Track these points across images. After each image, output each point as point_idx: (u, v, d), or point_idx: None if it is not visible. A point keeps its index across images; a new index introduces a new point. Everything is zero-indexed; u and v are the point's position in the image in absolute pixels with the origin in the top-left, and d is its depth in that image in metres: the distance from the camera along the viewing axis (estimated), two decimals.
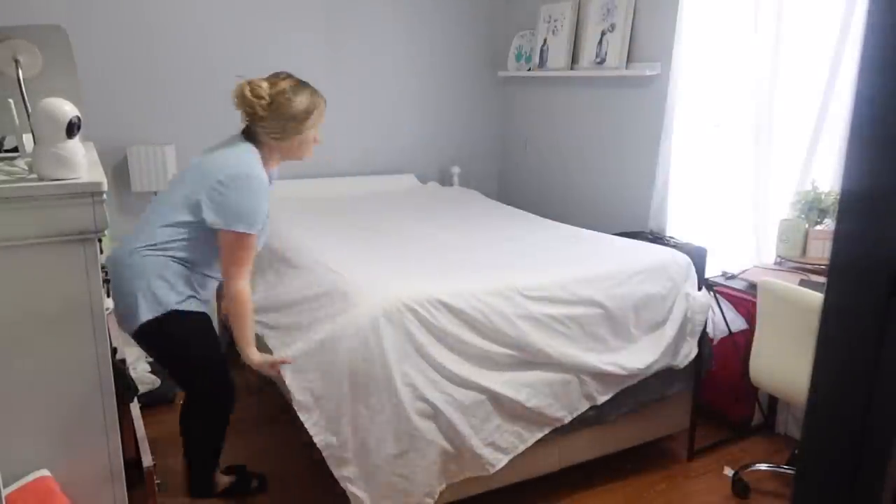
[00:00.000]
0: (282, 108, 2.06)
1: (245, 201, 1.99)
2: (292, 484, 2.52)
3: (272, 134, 2.09)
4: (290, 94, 2.07)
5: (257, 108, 2.05)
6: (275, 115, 2.07)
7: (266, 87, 2.06)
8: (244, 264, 2.03)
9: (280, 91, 2.07)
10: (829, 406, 0.56)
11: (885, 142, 0.50)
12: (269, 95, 2.06)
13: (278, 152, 2.15)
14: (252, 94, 2.04)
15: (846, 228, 0.54)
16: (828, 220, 2.63)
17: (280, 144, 2.12)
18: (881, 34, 0.49)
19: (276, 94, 2.06)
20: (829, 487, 0.57)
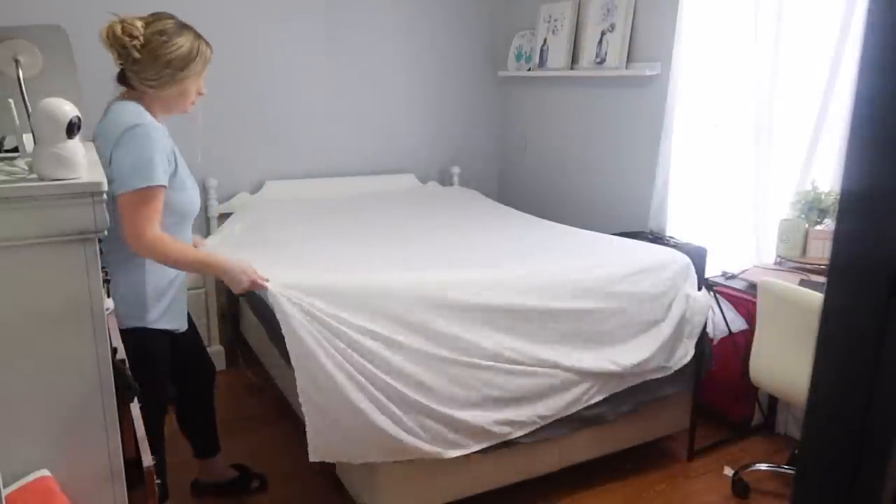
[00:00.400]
0: (157, 51, 1.83)
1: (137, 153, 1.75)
2: (292, 484, 2.52)
3: (146, 81, 1.86)
4: (168, 35, 1.85)
5: (130, 49, 1.82)
6: (149, 59, 1.83)
7: (140, 25, 1.84)
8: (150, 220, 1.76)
9: (157, 31, 1.84)
10: (829, 406, 0.56)
11: (885, 142, 0.50)
12: (144, 36, 1.83)
13: (156, 103, 1.91)
14: (124, 31, 1.82)
15: (846, 228, 0.54)
16: (828, 220, 2.63)
17: (157, 94, 1.89)
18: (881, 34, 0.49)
19: (152, 35, 1.83)
20: (829, 487, 0.57)
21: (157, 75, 1.86)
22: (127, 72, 1.89)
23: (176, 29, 1.89)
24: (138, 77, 1.88)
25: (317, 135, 3.97)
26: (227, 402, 3.08)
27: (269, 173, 3.87)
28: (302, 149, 3.95)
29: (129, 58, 1.85)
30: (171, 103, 1.94)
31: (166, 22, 1.88)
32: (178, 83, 1.89)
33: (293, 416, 2.73)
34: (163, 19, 1.89)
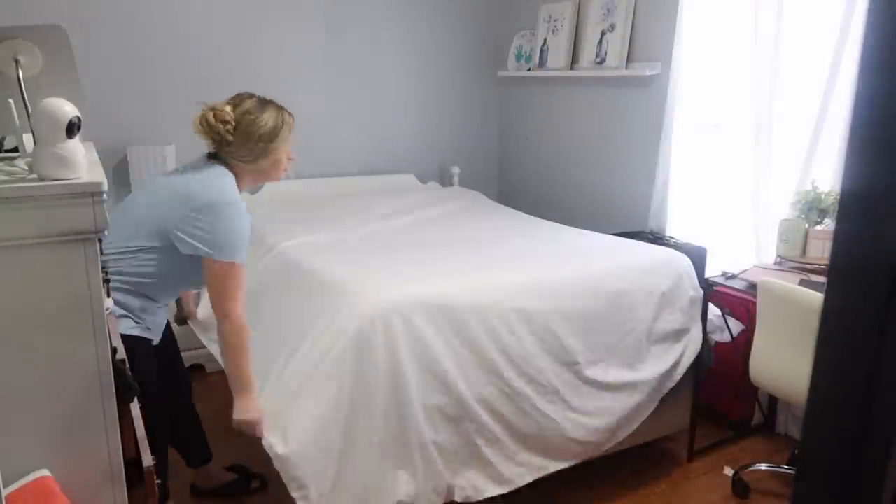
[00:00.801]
0: (249, 130, 1.94)
1: (232, 229, 1.86)
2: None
3: (242, 158, 1.98)
4: (255, 113, 1.96)
5: (224, 134, 1.94)
6: (242, 139, 1.95)
7: (229, 110, 1.95)
8: (238, 296, 1.89)
9: (244, 111, 1.96)
10: (829, 406, 0.56)
11: (885, 142, 0.50)
12: (234, 119, 1.94)
13: (250, 176, 2.03)
14: (216, 119, 1.93)
15: (846, 228, 0.54)
16: (828, 220, 2.63)
17: (251, 167, 2.00)
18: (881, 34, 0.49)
19: (241, 116, 1.95)
20: (829, 487, 0.57)
21: (251, 152, 1.97)
22: (221, 153, 2.00)
23: (259, 106, 1.99)
24: (234, 156, 1.98)
25: (317, 135, 3.97)
26: (228, 402, 3.07)
27: None
28: (302, 149, 3.93)
29: (223, 141, 1.95)
30: (265, 174, 2.05)
31: (249, 102, 1.99)
32: (271, 154, 2.00)
33: None
34: (245, 100, 1.99)
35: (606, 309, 2.33)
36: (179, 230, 1.83)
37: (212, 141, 1.97)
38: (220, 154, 2.00)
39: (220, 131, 1.93)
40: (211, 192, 1.87)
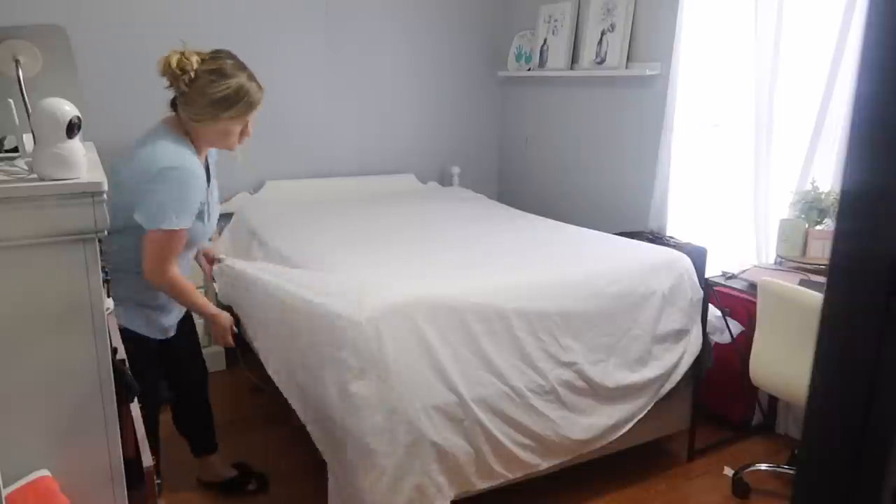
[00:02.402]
0: (204, 89, 1.84)
1: (172, 196, 1.80)
2: (292, 484, 2.52)
3: (190, 115, 1.88)
4: (217, 75, 1.84)
5: (179, 82, 1.84)
6: (194, 94, 1.85)
7: (196, 61, 1.84)
8: (170, 259, 1.87)
9: (209, 69, 1.84)
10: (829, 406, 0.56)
11: (885, 142, 0.50)
12: (196, 72, 1.83)
13: (202, 138, 1.94)
14: (178, 64, 1.82)
15: (846, 228, 0.54)
16: (828, 220, 2.63)
17: (199, 129, 1.91)
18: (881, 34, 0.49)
19: (203, 73, 1.84)
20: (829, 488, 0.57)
21: (199, 112, 1.88)
22: (177, 102, 1.92)
23: (229, 70, 1.87)
24: (185, 109, 1.90)
25: (317, 135, 3.97)
26: (227, 402, 3.08)
27: (269, 173, 3.87)
28: (302, 149, 3.95)
29: (178, 89, 1.87)
30: (213, 140, 1.96)
31: (223, 62, 1.88)
32: (218, 122, 1.89)
33: (293, 416, 2.73)
34: (220, 59, 1.88)
35: (607, 309, 2.33)
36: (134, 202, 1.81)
37: (169, 85, 1.89)
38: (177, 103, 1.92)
39: (176, 77, 1.84)
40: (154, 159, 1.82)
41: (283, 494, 2.47)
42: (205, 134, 1.93)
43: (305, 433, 2.58)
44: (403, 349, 2.02)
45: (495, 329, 2.13)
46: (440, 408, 2.03)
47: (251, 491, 2.48)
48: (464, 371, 2.08)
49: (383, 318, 2.00)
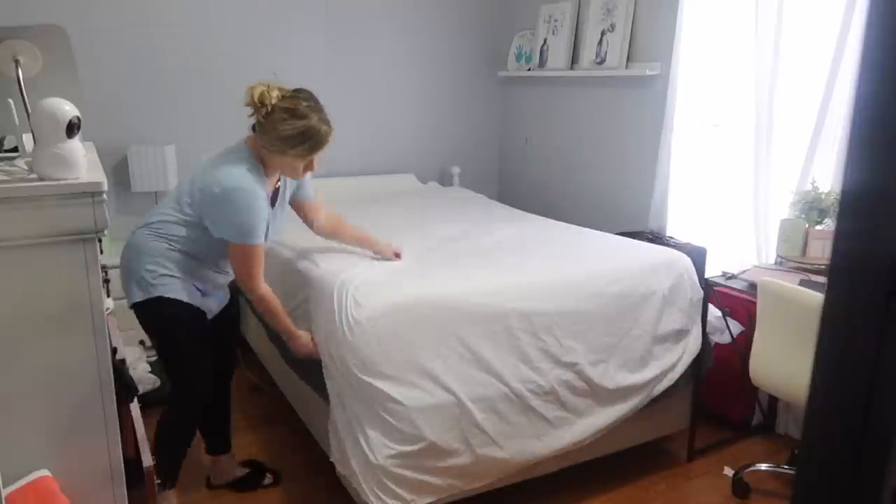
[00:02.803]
0: (276, 125, 1.99)
1: (237, 216, 1.97)
2: (293, 483, 2.52)
3: (263, 143, 2.04)
4: (288, 114, 1.98)
5: (258, 113, 2.02)
6: (268, 127, 2.00)
7: (275, 96, 1.99)
8: (256, 272, 2.06)
9: (284, 107, 1.99)
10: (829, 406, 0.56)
11: (885, 142, 0.50)
12: (273, 107, 1.99)
13: (272, 164, 2.09)
14: (258, 97, 1.99)
15: (846, 228, 0.54)
16: (828, 220, 2.63)
17: (270, 157, 2.06)
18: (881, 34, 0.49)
19: (279, 109, 1.99)
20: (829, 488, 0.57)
21: (270, 144, 2.02)
22: (256, 129, 2.07)
23: (302, 110, 2.00)
24: (260, 138, 2.05)
25: None
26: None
27: None
28: None
29: (256, 119, 2.04)
30: (280, 168, 2.11)
31: (298, 102, 2.01)
32: (285, 156, 2.04)
33: (294, 416, 2.73)
34: (297, 98, 2.02)
35: (607, 309, 2.33)
36: (207, 212, 2.00)
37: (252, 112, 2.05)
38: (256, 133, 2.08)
39: (257, 109, 2.01)
40: (220, 180, 1.97)
41: (284, 494, 2.47)
42: (273, 163, 2.08)
43: (306, 433, 2.59)
44: (403, 348, 2.02)
45: (495, 329, 2.13)
46: (438, 406, 2.03)
47: (267, 485, 2.49)
48: (462, 370, 2.08)
49: (383, 318, 2.00)
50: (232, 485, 2.48)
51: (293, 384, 2.59)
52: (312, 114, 2.01)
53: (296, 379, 2.48)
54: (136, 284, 2.02)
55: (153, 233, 2.04)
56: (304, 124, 1.99)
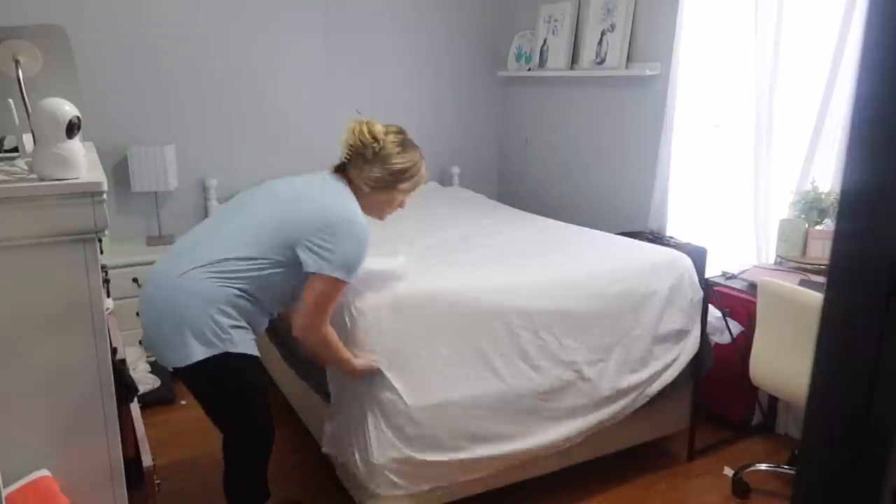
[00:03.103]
0: (388, 158, 1.91)
1: (354, 248, 1.82)
2: (293, 483, 2.52)
3: (368, 181, 1.92)
4: (401, 147, 1.94)
5: (367, 150, 1.91)
6: (379, 162, 1.91)
7: (380, 130, 1.93)
8: (329, 311, 1.86)
9: (394, 141, 1.94)
10: (829, 406, 0.56)
11: (885, 142, 0.50)
12: (382, 140, 1.92)
13: (366, 202, 1.95)
14: (369, 132, 1.90)
15: (846, 228, 0.54)
16: (828, 220, 2.63)
17: (369, 194, 1.94)
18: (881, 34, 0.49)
19: (389, 142, 1.93)
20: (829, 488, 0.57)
21: (379, 180, 1.93)
22: (351, 167, 1.95)
23: (408, 143, 1.98)
24: (361, 175, 1.93)
25: (317, 135, 3.97)
26: None
27: (269, 173, 3.86)
28: (302, 149, 3.95)
29: (363, 157, 1.92)
30: (376, 206, 1.99)
31: (405, 135, 1.99)
32: (391, 191, 1.96)
33: (294, 416, 2.73)
34: (399, 132, 1.98)
35: (607, 309, 2.33)
36: (311, 245, 1.78)
37: (351, 154, 1.94)
38: (350, 171, 1.96)
39: (366, 144, 1.90)
40: (343, 210, 1.85)
41: (284, 494, 2.47)
42: (370, 201, 1.96)
43: (306, 433, 2.59)
44: (402, 342, 2.02)
45: (495, 326, 2.13)
46: (438, 402, 2.03)
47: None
48: (462, 366, 2.08)
49: (385, 310, 2.01)
50: None
51: (293, 384, 2.59)
52: (417, 148, 2.00)
53: (296, 379, 2.48)
54: (197, 338, 1.71)
55: (216, 275, 1.75)
56: (416, 156, 1.97)
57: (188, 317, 1.71)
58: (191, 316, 1.71)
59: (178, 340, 1.72)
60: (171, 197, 3.65)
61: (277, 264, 1.79)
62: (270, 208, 1.87)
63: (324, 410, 2.13)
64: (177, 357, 1.74)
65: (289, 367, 2.52)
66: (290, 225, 1.81)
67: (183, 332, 1.71)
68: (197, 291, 1.73)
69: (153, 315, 1.79)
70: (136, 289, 3.19)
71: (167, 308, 1.75)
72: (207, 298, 1.72)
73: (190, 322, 1.71)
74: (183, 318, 1.72)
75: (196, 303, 1.72)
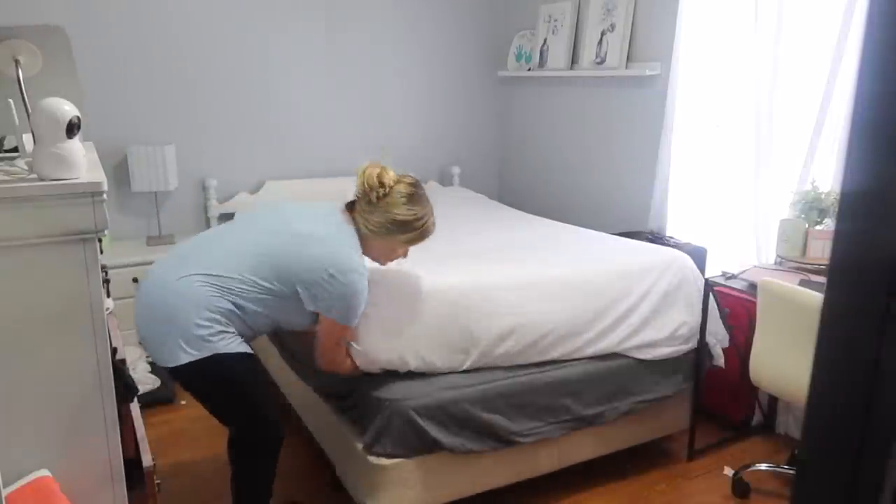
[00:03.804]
0: (390, 207, 1.90)
1: (352, 299, 1.85)
2: (292, 483, 2.52)
3: (369, 225, 1.92)
4: (407, 199, 1.92)
5: (372, 195, 1.90)
6: (382, 208, 1.91)
7: (391, 177, 1.92)
8: (341, 346, 1.96)
9: (402, 192, 1.92)
10: (829, 406, 0.56)
11: (885, 142, 0.50)
12: (391, 188, 1.91)
13: (366, 244, 1.96)
14: (377, 177, 1.90)
15: (846, 228, 0.54)
16: (828, 220, 2.63)
17: (370, 238, 1.95)
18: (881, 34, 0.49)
19: (396, 192, 1.91)
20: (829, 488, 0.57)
21: (379, 226, 1.92)
22: (358, 206, 1.96)
23: (418, 198, 1.95)
24: (363, 216, 1.94)
25: (317, 135, 3.97)
26: None
27: (269, 173, 3.87)
28: (302, 149, 3.95)
29: (367, 200, 1.92)
30: (375, 250, 2.00)
31: (416, 189, 1.96)
32: (391, 240, 1.95)
33: (293, 416, 2.73)
34: (415, 185, 1.97)
35: (608, 309, 2.33)
36: (309, 288, 1.82)
37: (360, 192, 1.94)
38: (356, 210, 1.96)
39: (373, 188, 1.90)
40: (348, 261, 1.85)
41: (283, 494, 2.47)
42: (370, 244, 1.97)
43: (307, 434, 2.59)
44: (404, 340, 2.02)
45: (495, 328, 2.13)
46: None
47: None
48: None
49: (387, 309, 2.01)
50: None
51: (293, 384, 2.59)
52: (427, 204, 1.97)
53: (295, 379, 2.48)
54: (186, 341, 1.73)
55: (211, 285, 1.77)
56: (422, 212, 1.94)
57: (179, 319, 1.74)
58: (182, 319, 1.74)
59: (169, 341, 1.74)
60: (171, 197, 3.65)
61: (271, 293, 1.82)
62: (280, 240, 1.87)
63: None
64: (169, 357, 1.76)
65: (289, 367, 2.52)
66: (295, 263, 1.83)
67: (173, 334, 1.74)
68: (190, 296, 1.75)
69: (146, 314, 1.81)
70: (136, 289, 3.19)
71: (160, 309, 1.77)
72: (199, 304, 1.75)
73: (181, 324, 1.73)
74: (174, 319, 1.74)
75: (188, 307, 1.74)
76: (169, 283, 1.78)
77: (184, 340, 1.73)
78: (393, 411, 1.98)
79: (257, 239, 1.88)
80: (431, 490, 2.11)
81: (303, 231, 1.89)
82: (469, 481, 2.18)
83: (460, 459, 2.11)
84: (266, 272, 1.81)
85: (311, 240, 1.86)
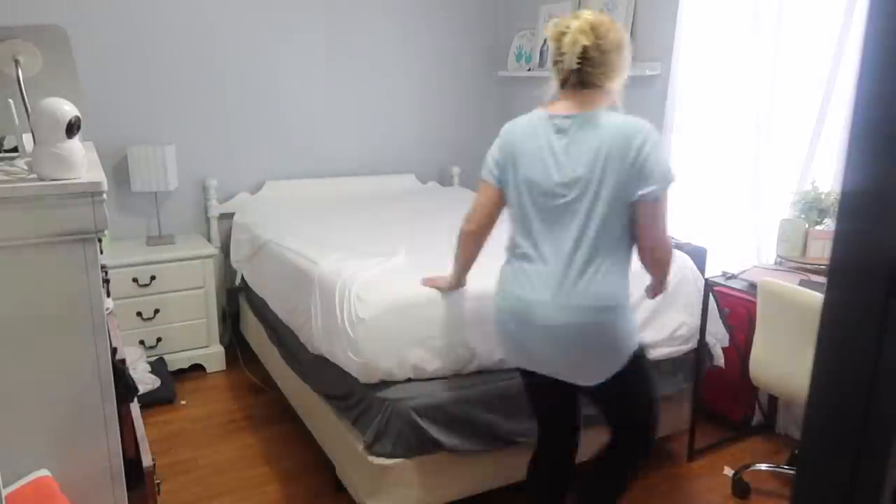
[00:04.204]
0: (620, 40, 1.76)
1: (663, 155, 1.64)
2: (292, 483, 2.52)
3: (613, 73, 1.76)
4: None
5: (603, 42, 1.72)
6: (614, 47, 1.74)
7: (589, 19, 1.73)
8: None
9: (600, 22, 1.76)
10: (829, 406, 0.56)
11: (885, 142, 0.50)
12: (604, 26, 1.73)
13: (607, 98, 1.81)
14: (592, 28, 1.70)
15: (846, 228, 0.54)
16: (828, 220, 2.63)
17: (616, 86, 1.80)
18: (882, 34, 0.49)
19: (601, 25, 1.74)
20: (829, 487, 0.57)
21: (625, 61, 1.71)
22: (587, 74, 1.72)
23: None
24: (606, 72, 1.70)
25: (317, 135, 3.97)
26: (227, 402, 3.09)
27: (269, 173, 3.87)
28: (302, 149, 3.95)
29: (591, 56, 1.68)
30: (615, 94, 1.78)
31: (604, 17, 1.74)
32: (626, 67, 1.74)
33: (293, 416, 2.73)
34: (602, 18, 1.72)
35: None
36: (633, 176, 1.64)
37: (582, 57, 1.73)
38: (588, 75, 1.76)
39: (600, 37, 1.71)
40: (631, 124, 1.69)
41: (284, 494, 2.47)
42: (610, 92, 1.81)
43: (306, 433, 2.59)
44: (404, 346, 2.02)
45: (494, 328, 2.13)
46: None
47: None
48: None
49: (386, 315, 2.01)
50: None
51: (293, 384, 2.60)
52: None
53: (296, 379, 2.48)
54: (626, 347, 1.68)
55: (611, 261, 1.65)
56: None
57: (617, 330, 1.69)
58: (618, 328, 1.69)
59: (603, 358, 1.71)
60: (171, 197, 3.65)
61: (623, 207, 1.68)
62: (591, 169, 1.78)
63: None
64: (598, 374, 1.72)
65: (289, 367, 2.52)
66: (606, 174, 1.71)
67: (610, 348, 1.71)
68: (613, 295, 1.68)
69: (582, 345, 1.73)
70: (136, 289, 3.19)
71: (591, 332, 1.70)
72: (622, 297, 1.70)
73: (617, 334, 1.70)
74: (613, 332, 1.69)
75: (620, 312, 1.69)
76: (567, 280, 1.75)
77: (625, 346, 1.73)
78: (393, 411, 1.98)
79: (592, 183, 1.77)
80: (431, 490, 2.11)
81: (591, 138, 1.81)
82: (469, 481, 2.18)
83: (460, 459, 2.11)
84: (620, 203, 1.69)
85: (603, 137, 1.75)
